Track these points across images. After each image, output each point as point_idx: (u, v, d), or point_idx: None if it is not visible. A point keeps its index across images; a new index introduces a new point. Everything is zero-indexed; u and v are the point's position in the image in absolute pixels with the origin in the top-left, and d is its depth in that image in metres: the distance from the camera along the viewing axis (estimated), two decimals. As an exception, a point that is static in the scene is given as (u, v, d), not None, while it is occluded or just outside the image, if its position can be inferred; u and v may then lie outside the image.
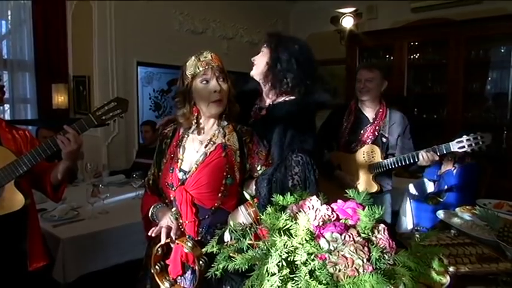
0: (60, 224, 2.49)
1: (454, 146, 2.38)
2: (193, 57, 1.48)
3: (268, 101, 1.78)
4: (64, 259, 2.27)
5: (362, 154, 2.62)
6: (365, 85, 2.62)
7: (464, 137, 2.36)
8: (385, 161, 2.56)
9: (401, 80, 5.02)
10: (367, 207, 0.98)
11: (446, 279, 1.26)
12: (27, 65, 4.76)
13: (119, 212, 2.86)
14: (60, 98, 4.76)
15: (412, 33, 5.00)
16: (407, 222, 3.62)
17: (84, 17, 4.72)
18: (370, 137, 2.64)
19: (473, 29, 4.42)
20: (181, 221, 1.46)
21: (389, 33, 5.16)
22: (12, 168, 1.64)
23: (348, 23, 5.28)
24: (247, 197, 1.27)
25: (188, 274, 1.46)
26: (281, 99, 1.75)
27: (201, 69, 1.45)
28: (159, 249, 1.45)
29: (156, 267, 1.48)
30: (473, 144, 2.35)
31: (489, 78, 4.65)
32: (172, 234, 1.41)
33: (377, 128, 2.64)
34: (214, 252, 1.10)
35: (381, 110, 2.68)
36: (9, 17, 4.59)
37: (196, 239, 1.44)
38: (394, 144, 2.68)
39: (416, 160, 2.44)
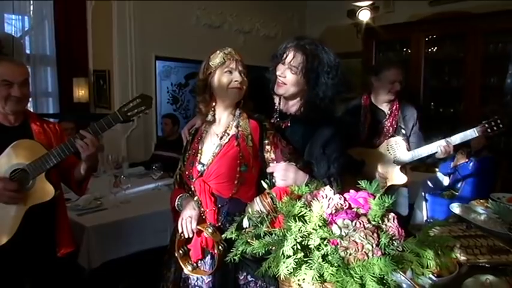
0: (84, 213, 2.60)
1: (476, 131, 2.44)
2: (218, 51, 1.57)
3: (291, 110, 1.74)
4: (89, 246, 2.38)
5: (386, 147, 2.62)
6: (399, 86, 2.60)
7: (484, 122, 2.43)
8: (413, 151, 2.58)
9: (418, 74, 5.01)
10: (377, 197, 1.03)
11: (455, 268, 1.31)
12: (48, 60, 4.89)
13: (139, 202, 2.97)
14: (81, 92, 4.87)
15: (430, 26, 4.98)
16: (422, 215, 3.65)
17: (104, 12, 4.82)
18: (390, 130, 2.65)
19: (491, 22, 4.39)
20: (202, 209, 1.54)
21: (406, 26, 5.14)
22: (43, 161, 1.74)
23: (364, 16, 5.27)
24: (265, 185, 1.34)
25: (208, 259, 1.55)
26: (303, 110, 1.71)
27: (226, 60, 1.54)
28: (182, 234, 1.54)
29: (180, 251, 1.57)
30: (494, 128, 2.42)
31: (510, 72, 4.61)
32: (193, 221, 1.50)
33: (394, 120, 2.66)
34: (233, 238, 1.18)
35: (395, 103, 2.70)
36: (31, 13, 4.72)
37: (216, 225, 1.51)
38: (409, 135, 2.71)
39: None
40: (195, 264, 1.57)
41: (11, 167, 1.76)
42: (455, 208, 2.22)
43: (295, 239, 0.90)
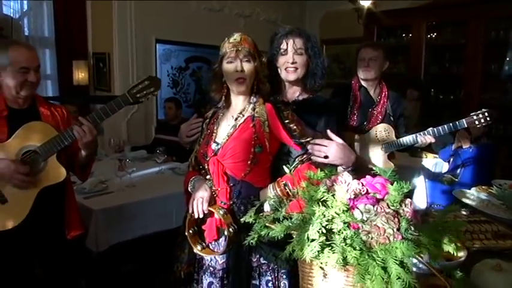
0: (91, 196, 2.62)
1: (464, 123, 2.48)
2: (226, 39, 1.58)
3: (293, 96, 1.81)
4: (96, 229, 2.40)
5: (375, 133, 2.64)
6: (368, 64, 2.61)
7: (473, 114, 2.47)
8: (401, 139, 2.60)
9: (418, 60, 5.02)
10: (395, 182, 1.05)
11: (464, 252, 1.35)
12: (47, 42, 4.83)
13: (144, 185, 2.99)
14: (80, 75, 4.83)
15: (431, 12, 4.97)
16: (421, 201, 3.69)
17: (104, -6, 4.77)
18: (379, 116, 2.66)
19: (493, 8, 4.39)
20: (214, 188, 1.56)
21: (407, 12, 5.12)
22: (54, 142, 1.75)
23: (366, 1, 5.24)
24: (286, 170, 1.36)
25: (222, 240, 1.57)
26: (305, 95, 1.80)
27: (228, 50, 1.54)
28: (193, 214, 1.57)
29: (190, 231, 1.60)
30: (482, 120, 2.44)
31: (507, 59, 4.63)
32: (205, 202, 1.53)
33: (383, 107, 2.67)
34: (251, 222, 1.19)
35: (383, 90, 2.70)
36: (30, -6, 4.66)
37: (228, 203, 1.54)
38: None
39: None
40: (204, 244, 1.60)
41: (22, 148, 1.77)
42: (459, 194, 2.25)
43: (321, 223, 0.92)
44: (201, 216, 1.55)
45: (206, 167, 1.62)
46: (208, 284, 1.58)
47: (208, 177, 1.60)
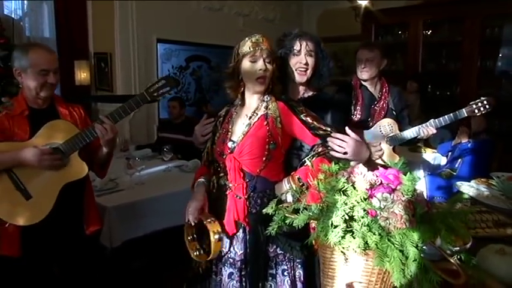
0: (102, 193, 2.68)
1: (464, 112, 2.55)
2: (246, 38, 1.64)
3: (300, 94, 1.89)
4: (110, 226, 2.46)
5: (378, 128, 2.71)
6: (366, 65, 2.67)
7: (472, 103, 2.55)
8: (404, 132, 2.69)
9: (416, 57, 5.12)
10: (408, 173, 1.14)
11: (469, 240, 1.43)
12: (48, 42, 4.81)
13: (153, 183, 3.06)
14: (82, 75, 4.87)
15: (428, 10, 5.07)
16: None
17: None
18: (382, 112, 2.73)
19: (488, 6, 4.50)
20: (230, 184, 1.64)
21: (404, 10, 5.23)
22: (77, 140, 1.82)
23: (363, 0, 5.32)
24: (308, 163, 1.44)
25: (240, 233, 1.65)
26: (310, 93, 1.89)
27: (251, 49, 1.61)
28: (189, 222, 1.67)
29: (189, 237, 1.71)
30: (482, 108, 2.53)
31: (500, 55, 4.74)
32: (195, 211, 1.65)
33: (385, 102, 2.74)
34: (271, 213, 1.27)
35: (384, 86, 2.78)
36: (29, -4, 4.68)
37: (244, 197, 1.62)
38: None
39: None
40: (201, 251, 1.70)
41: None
42: (460, 186, 2.34)
43: (344, 210, 1.00)
44: (192, 223, 1.66)
45: (222, 164, 1.69)
46: (228, 275, 1.66)
47: (221, 175, 1.69)
